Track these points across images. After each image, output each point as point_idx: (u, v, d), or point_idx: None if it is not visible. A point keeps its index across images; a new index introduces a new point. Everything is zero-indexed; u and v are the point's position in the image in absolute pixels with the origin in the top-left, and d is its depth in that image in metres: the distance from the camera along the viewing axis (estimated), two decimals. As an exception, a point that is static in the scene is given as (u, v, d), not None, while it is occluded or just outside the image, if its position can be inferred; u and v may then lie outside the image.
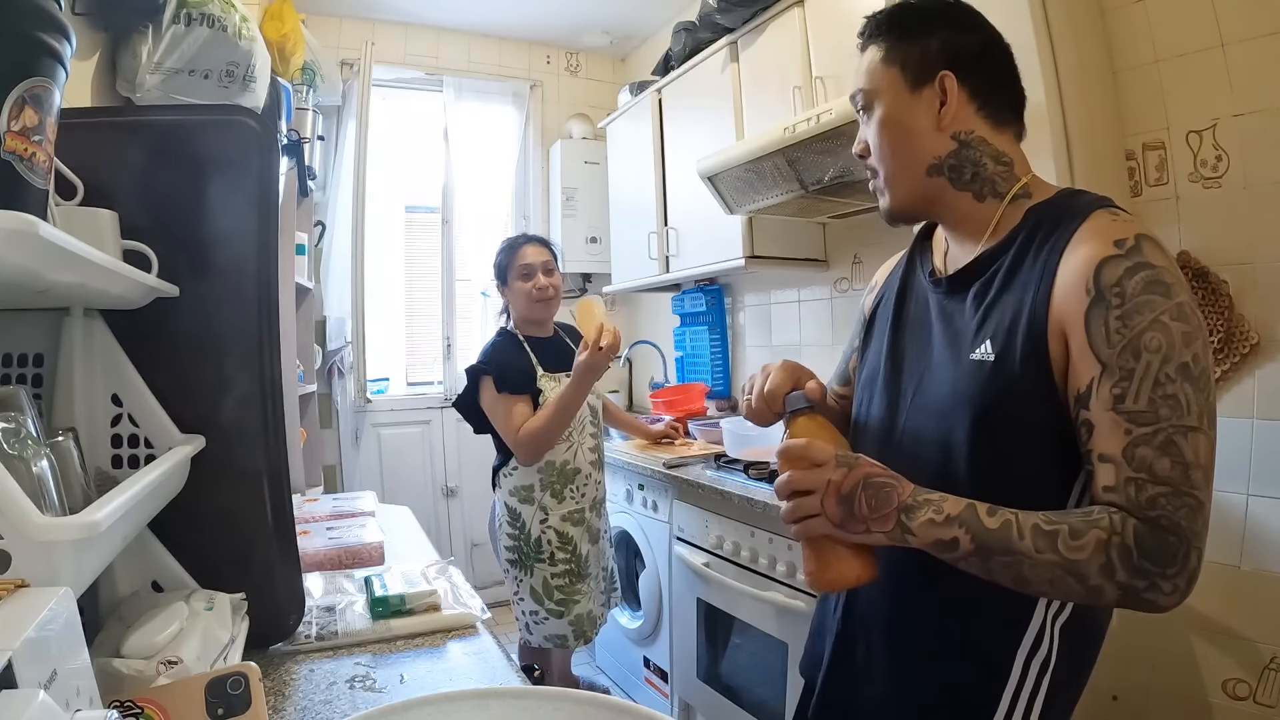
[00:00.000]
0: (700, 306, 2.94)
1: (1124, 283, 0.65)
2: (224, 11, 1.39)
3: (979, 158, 0.78)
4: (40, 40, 0.51)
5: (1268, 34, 1.39)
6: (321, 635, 0.98)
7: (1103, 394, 0.65)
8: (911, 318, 0.86)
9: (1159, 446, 0.62)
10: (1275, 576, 1.43)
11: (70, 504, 0.62)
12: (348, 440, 3.09)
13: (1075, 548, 0.62)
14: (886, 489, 0.69)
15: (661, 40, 2.91)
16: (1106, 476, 0.65)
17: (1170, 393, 0.63)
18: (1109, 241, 0.67)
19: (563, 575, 1.81)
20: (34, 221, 0.47)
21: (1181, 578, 0.62)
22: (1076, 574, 0.62)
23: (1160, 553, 0.61)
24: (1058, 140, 1.42)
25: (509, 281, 1.91)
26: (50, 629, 0.44)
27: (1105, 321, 0.65)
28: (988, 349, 0.72)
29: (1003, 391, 0.70)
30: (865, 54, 0.81)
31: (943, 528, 0.66)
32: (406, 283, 3.38)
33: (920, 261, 0.89)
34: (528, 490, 1.83)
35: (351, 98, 2.96)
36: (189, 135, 0.89)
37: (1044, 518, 0.64)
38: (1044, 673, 0.74)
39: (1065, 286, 0.67)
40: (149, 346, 0.85)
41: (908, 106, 0.78)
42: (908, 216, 0.83)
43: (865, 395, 0.89)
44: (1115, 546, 0.62)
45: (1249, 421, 1.47)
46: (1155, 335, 0.63)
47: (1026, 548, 0.63)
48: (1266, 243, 1.43)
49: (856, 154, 0.84)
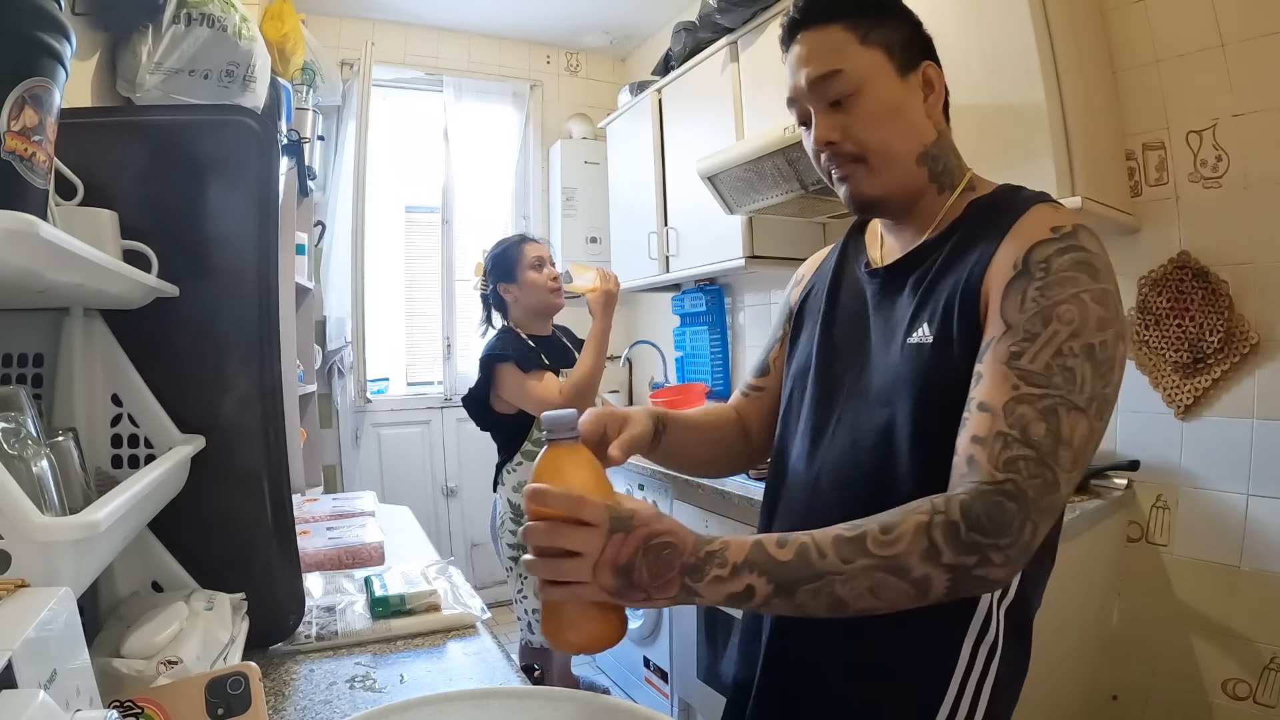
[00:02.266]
0: (700, 306, 2.94)
1: (1051, 260, 0.64)
2: (224, 11, 1.39)
3: (947, 150, 0.79)
4: (40, 40, 0.51)
5: (1268, 34, 1.39)
6: (321, 635, 0.98)
7: (1000, 349, 0.63)
8: (845, 310, 0.85)
9: (1041, 410, 0.60)
10: (1275, 576, 1.43)
11: (70, 504, 0.62)
12: (348, 440, 3.08)
13: (888, 542, 0.58)
14: (666, 551, 0.59)
15: (661, 40, 2.90)
16: (979, 425, 0.62)
17: (1069, 365, 0.61)
18: (1046, 227, 0.67)
19: None
20: (34, 221, 0.46)
21: (1014, 549, 0.58)
22: (897, 569, 0.57)
23: (995, 520, 0.58)
24: (1058, 140, 1.42)
25: (518, 276, 1.89)
26: (50, 629, 0.44)
27: (1024, 291, 0.64)
28: (925, 331, 0.71)
29: (942, 372, 0.69)
30: (820, 34, 0.76)
31: (731, 581, 0.59)
32: (406, 283, 3.38)
33: (853, 254, 0.89)
34: None
35: (351, 98, 2.96)
36: (189, 135, 0.89)
37: (846, 525, 0.60)
38: (992, 657, 0.72)
39: (996, 267, 0.68)
40: (149, 346, 0.85)
41: (901, 91, 0.76)
42: (886, 205, 0.80)
43: (796, 387, 0.87)
44: (939, 526, 0.58)
45: (1249, 421, 1.47)
46: (1070, 308, 0.62)
47: (831, 564, 0.58)
48: (1266, 243, 1.43)
49: (825, 141, 0.76)
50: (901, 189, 0.78)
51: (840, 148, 0.76)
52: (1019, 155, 1.48)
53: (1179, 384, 1.57)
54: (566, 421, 0.64)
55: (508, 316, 1.96)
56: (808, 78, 0.76)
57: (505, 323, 1.96)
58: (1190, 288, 1.54)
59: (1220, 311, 1.49)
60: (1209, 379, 1.52)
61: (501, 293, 1.94)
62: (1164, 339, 1.59)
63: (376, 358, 3.15)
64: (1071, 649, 1.57)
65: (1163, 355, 1.59)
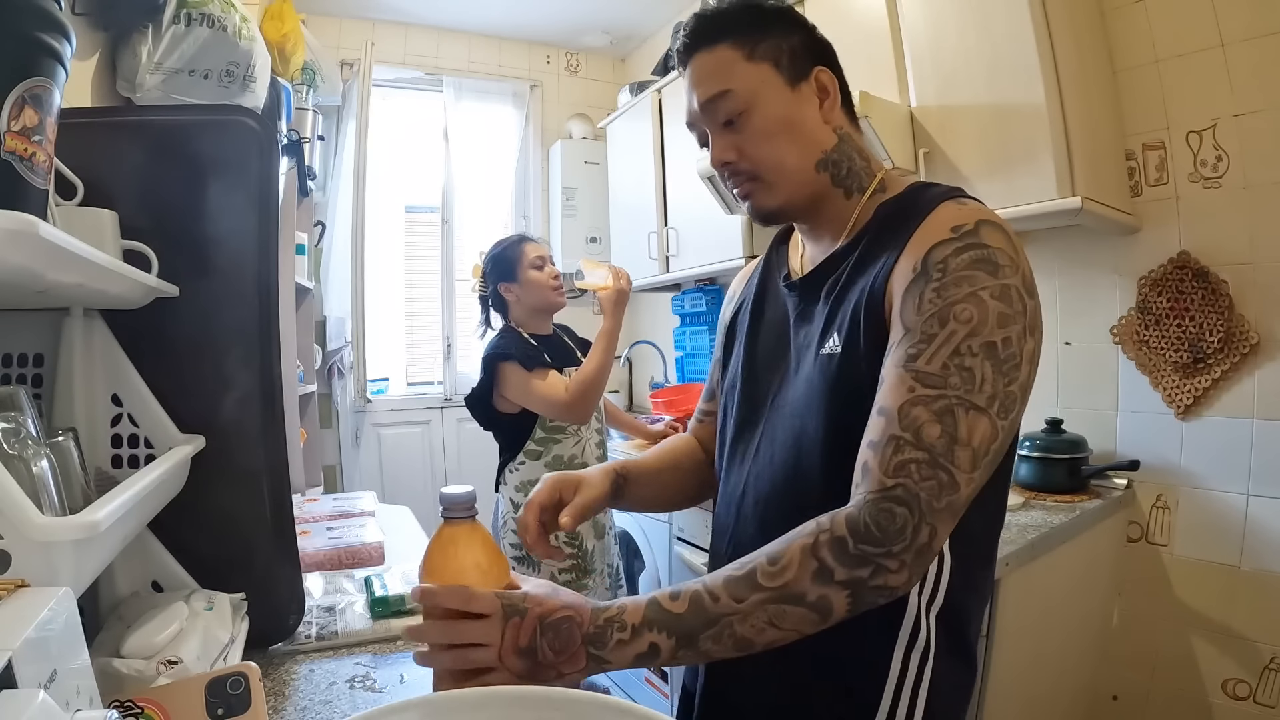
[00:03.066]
0: (700, 306, 2.94)
1: (949, 260, 0.63)
2: (224, 11, 1.39)
3: (850, 153, 0.78)
4: (40, 40, 0.51)
5: (1268, 34, 1.39)
6: (321, 635, 0.98)
7: (898, 353, 0.62)
8: (769, 324, 0.85)
9: (935, 412, 0.59)
10: (1275, 576, 1.44)
11: (70, 504, 0.62)
12: (348, 440, 3.08)
13: (775, 573, 0.58)
14: (565, 625, 0.60)
15: (661, 40, 2.90)
16: (874, 430, 0.61)
17: (967, 365, 0.59)
18: (946, 227, 0.66)
19: (569, 571, 1.78)
20: (34, 221, 0.47)
21: (909, 553, 0.57)
22: (791, 597, 0.57)
23: (884, 528, 0.57)
24: (1058, 140, 1.42)
25: (519, 275, 1.87)
26: (50, 629, 0.44)
27: (921, 294, 0.63)
28: (835, 342, 0.71)
29: (850, 381, 0.68)
30: (707, 56, 0.76)
31: (634, 643, 0.59)
32: (406, 283, 3.38)
33: (775, 265, 0.89)
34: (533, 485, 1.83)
35: (351, 98, 2.96)
36: (189, 135, 0.89)
37: (736, 564, 0.60)
38: (924, 663, 0.71)
39: (898, 271, 0.66)
40: (149, 346, 0.85)
41: (792, 102, 0.75)
42: (789, 214, 0.80)
43: (727, 403, 0.87)
44: (825, 545, 0.57)
45: (1249, 421, 1.47)
46: (968, 307, 0.61)
47: (725, 606, 0.58)
48: (1266, 243, 1.43)
49: (721, 162, 0.77)
50: (801, 198, 0.77)
51: (737, 166, 0.77)
52: (1019, 155, 1.48)
53: (1179, 384, 1.57)
54: (462, 501, 0.66)
55: (508, 317, 1.95)
56: (699, 100, 0.76)
57: (506, 323, 1.95)
58: (1190, 288, 1.54)
59: (1220, 311, 1.49)
60: (1209, 379, 1.52)
61: (502, 293, 1.92)
62: (1164, 339, 1.59)
63: (376, 358, 3.15)
64: (1071, 649, 1.57)
65: (1163, 355, 1.59)
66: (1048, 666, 1.50)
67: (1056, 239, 1.76)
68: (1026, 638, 1.36)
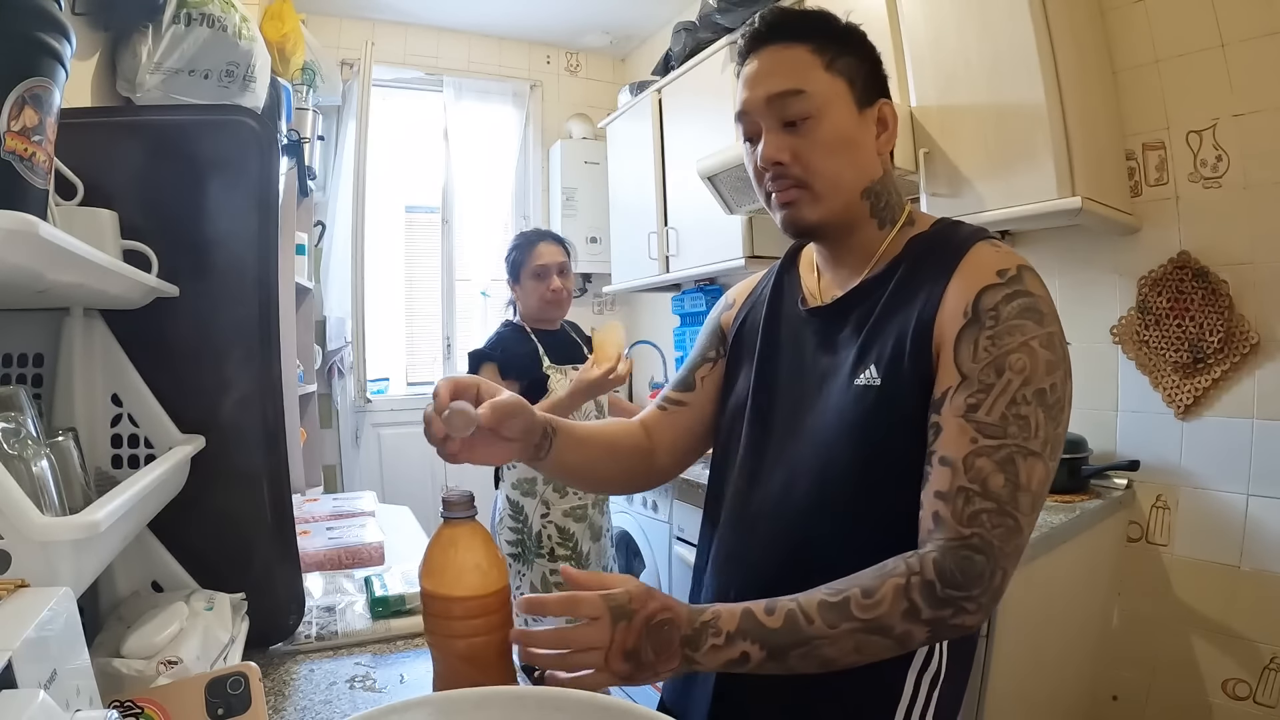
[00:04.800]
0: (700, 306, 2.94)
1: (1000, 307, 0.66)
2: (224, 11, 1.39)
3: (891, 188, 0.79)
4: (40, 40, 0.51)
5: (1268, 34, 1.39)
6: (321, 635, 0.98)
7: (956, 401, 0.65)
8: (784, 349, 0.83)
9: (998, 462, 0.63)
10: (1275, 576, 1.44)
11: (70, 504, 0.62)
12: (348, 440, 3.08)
13: (870, 605, 0.61)
14: (666, 627, 0.62)
15: (661, 40, 2.90)
16: (941, 480, 0.64)
17: (1023, 413, 0.63)
18: (992, 271, 0.68)
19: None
20: (34, 221, 0.46)
21: (985, 595, 0.62)
22: (880, 629, 0.61)
23: (966, 574, 0.61)
24: (1058, 140, 1.42)
25: (521, 279, 1.91)
26: (50, 629, 0.44)
27: (975, 340, 0.65)
28: (873, 374, 0.71)
29: (889, 415, 0.69)
30: (785, 51, 0.74)
31: (727, 649, 0.62)
32: (406, 283, 3.38)
33: (789, 289, 0.87)
34: (530, 483, 1.85)
35: (351, 98, 2.96)
36: (189, 135, 0.89)
37: (829, 590, 0.63)
38: (934, 687, 0.74)
39: (946, 312, 0.68)
40: (149, 346, 0.85)
41: (856, 125, 0.75)
42: (823, 232, 0.79)
43: (732, 426, 0.86)
44: (916, 587, 0.61)
45: (1249, 421, 1.47)
46: (1021, 357, 0.64)
47: (819, 630, 0.61)
48: (1266, 243, 1.43)
49: (773, 161, 0.75)
50: (841, 219, 0.77)
51: (787, 170, 0.75)
52: (1019, 155, 1.48)
53: (1179, 384, 1.57)
54: (462, 501, 0.67)
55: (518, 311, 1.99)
56: (767, 92, 0.74)
57: (514, 318, 1.99)
58: (1190, 288, 1.54)
59: (1220, 311, 1.49)
60: (1209, 379, 1.52)
61: (512, 290, 1.98)
62: (1164, 339, 1.59)
63: (376, 358, 3.14)
64: (1071, 649, 1.57)
65: (1163, 355, 1.59)
66: (1048, 666, 1.50)
67: (1056, 239, 1.76)
68: (1026, 638, 1.36)
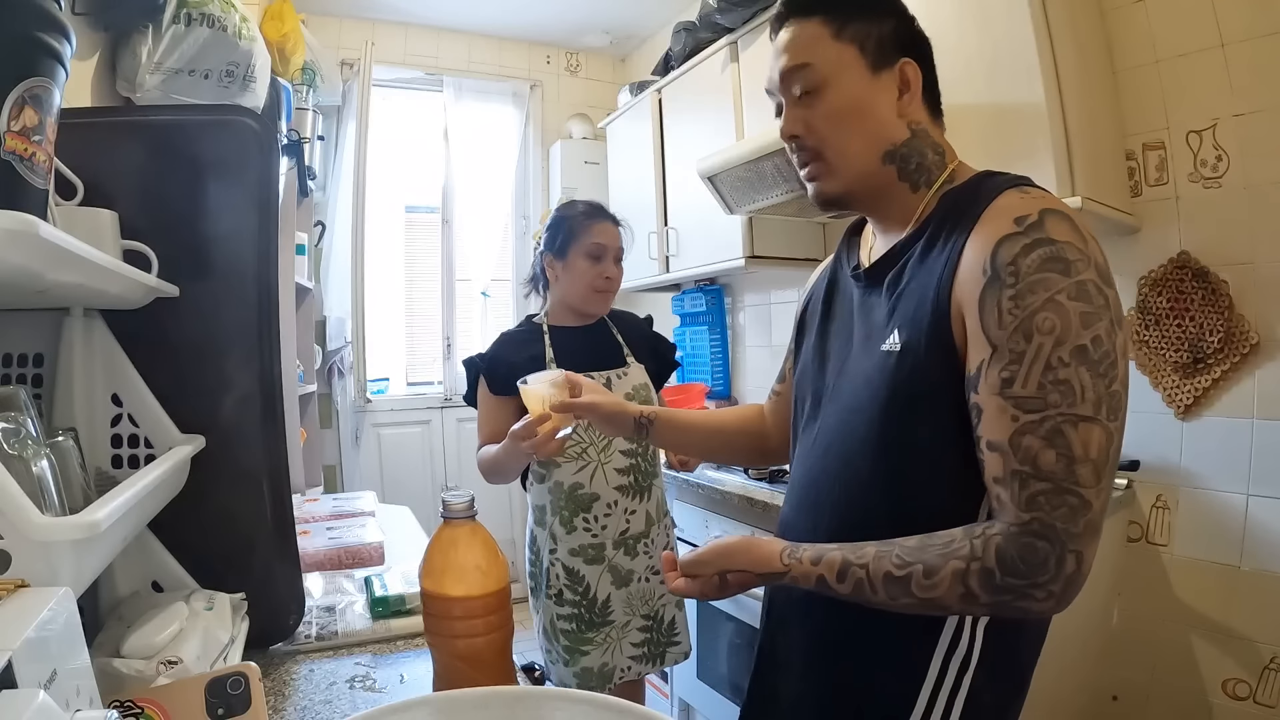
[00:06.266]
0: (700, 306, 2.94)
1: (1019, 261, 0.61)
2: (224, 11, 1.39)
3: (923, 148, 0.76)
4: (40, 40, 0.51)
5: (1268, 34, 1.39)
6: (321, 635, 0.98)
7: (990, 377, 0.61)
8: (838, 315, 0.85)
9: (1045, 436, 0.58)
10: (1275, 576, 1.43)
11: (70, 504, 0.62)
12: (348, 440, 3.08)
13: (929, 586, 0.61)
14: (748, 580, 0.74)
15: (661, 40, 2.90)
16: (995, 466, 0.61)
17: (1062, 377, 0.58)
18: (1010, 219, 0.63)
19: (569, 619, 1.46)
20: (34, 221, 0.46)
21: (1056, 584, 0.58)
22: (937, 607, 0.63)
23: (1028, 562, 0.58)
24: (1058, 140, 1.42)
25: (568, 254, 1.50)
26: (50, 629, 0.44)
27: (998, 302, 0.61)
28: (895, 339, 0.70)
29: (908, 381, 0.68)
30: (798, 27, 0.77)
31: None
32: (406, 283, 3.38)
33: (846, 257, 0.88)
34: (540, 511, 1.51)
35: (351, 98, 2.96)
36: (189, 135, 0.89)
37: (897, 560, 0.63)
38: (964, 671, 0.71)
39: (965, 268, 0.64)
40: (149, 346, 0.85)
41: (869, 89, 0.74)
42: (846, 201, 0.79)
43: (798, 394, 0.88)
44: (974, 574, 0.60)
45: (1249, 421, 1.47)
46: (1049, 315, 0.59)
47: (881, 600, 0.64)
48: (1266, 243, 1.43)
49: (789, 134, 0.78)
50: (864, 188, 0.77)
51: (803, 142, 0.77)
52: (1019, 155, 1.48)
53: (1179, 384, 1.57)
54: (462, 502, 0.69)
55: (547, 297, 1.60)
56: (780, 68, 0.77)
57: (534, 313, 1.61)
58: (1190, 288, 1.54)
59: (1220, 311, 1.49)
60: (1209, 379, 1.52)
61: (545, 265, 1.54)
62: (1164, 339, 1.59)
63: (376, 358, 3.15)
64: (1071, 649, 1.57)
65: (1163, 355, 1.59)
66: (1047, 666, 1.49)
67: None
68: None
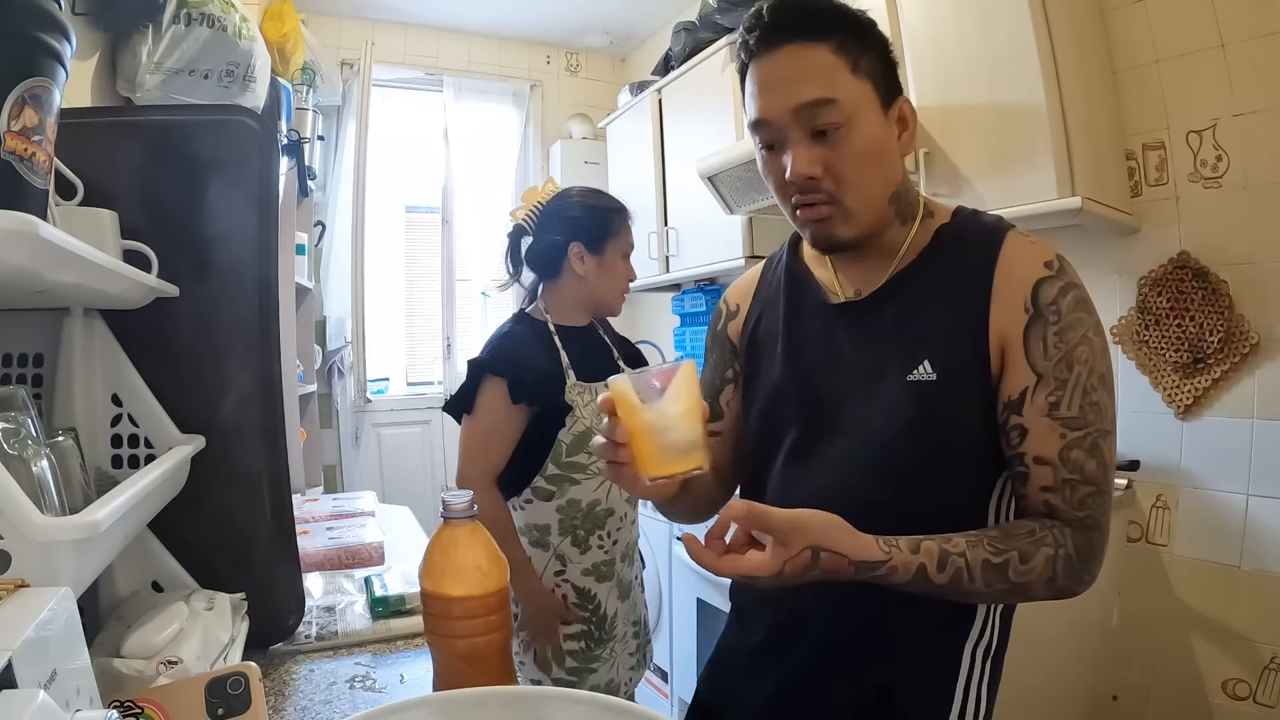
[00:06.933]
0: (700, 306, 2.94)
1: (1059, 301, 0.69)
2: (224, 11, 1.39)
3: (909, 185, 0.77)
4: (40, 40, 0.51)
5: (1268, 34, 1.39)
6: (321, 635, 0.98)
7: (1038, 401, 0.68)
8: (813, 344, 0.80)
9: (1088, 449, 0.68)
10: (1275, 576, 1.43)
11: (70, 504, 0.62)
12: (348, 440, 3.08)
13: (1025, 571, 0.65)
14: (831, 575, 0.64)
15: (661, 40, 2.90)
16: (1044, 477, 0.69)
17: (1095, 400, 0.68)
18: (1039, 263, 0.71)
19: (578, 638, 1.38)
20: (34, 221, 0.46)
21: (1097, 566, 0.69)
22: (1022, 591, 0.67)
23: (1090, 551, 0.68)
24: (1058, 140, 1.42)
25: (605, 251, 1.42)
26: (50, 629, 0.44)
27: (1044, 337, 0.69)
28: (928, 369, 0.71)
29: (950, 410, 0.71)
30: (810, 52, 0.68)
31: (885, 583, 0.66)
32: (406, 283, 3.38)
33: (803, 282, 0.84)
34: (542, 532, 1.38)
35: (351, 98, 2.96)
36: (189, 135, 0.89)
37: (991, 549, 0.65)
38: (987, 658, 0.77)
39: (1003, 305, 0.70)
40: (149, 346, 0.85)
41: (884, 129, 0.71)
42: (857, 246, 0.75)
43: (766, 425, 0.83)
44: (1060, 559, 0.66)
45: (1249, 421, 1.47)
46: (1085, 349, 0.68)
47: (977, 587, 0.65)
48: (1266, 243, 1.43)
49: (805, 176, 0.69)
50: (873, 231, 0.74)
51: (820, 184, 0.70)
52: (1019, 155, 1.48)
53: (1179, 384, 1.57)
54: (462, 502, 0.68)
55: (544, 287, 1.48)
56: (795, 101, 0.68)
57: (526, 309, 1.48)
58: (1190, 288, 1.54)
59: (1220, 311, 1.49)
60: (1209, 379, 1.52)
61: (571, 255, 1.41)
62: (1164, 339, 1.59)
63: (376, 358, 3.14)
64: (1071, 649, 1.57)
65: (1163, 355, 1.59)
66: (1047, 666, 1.49)
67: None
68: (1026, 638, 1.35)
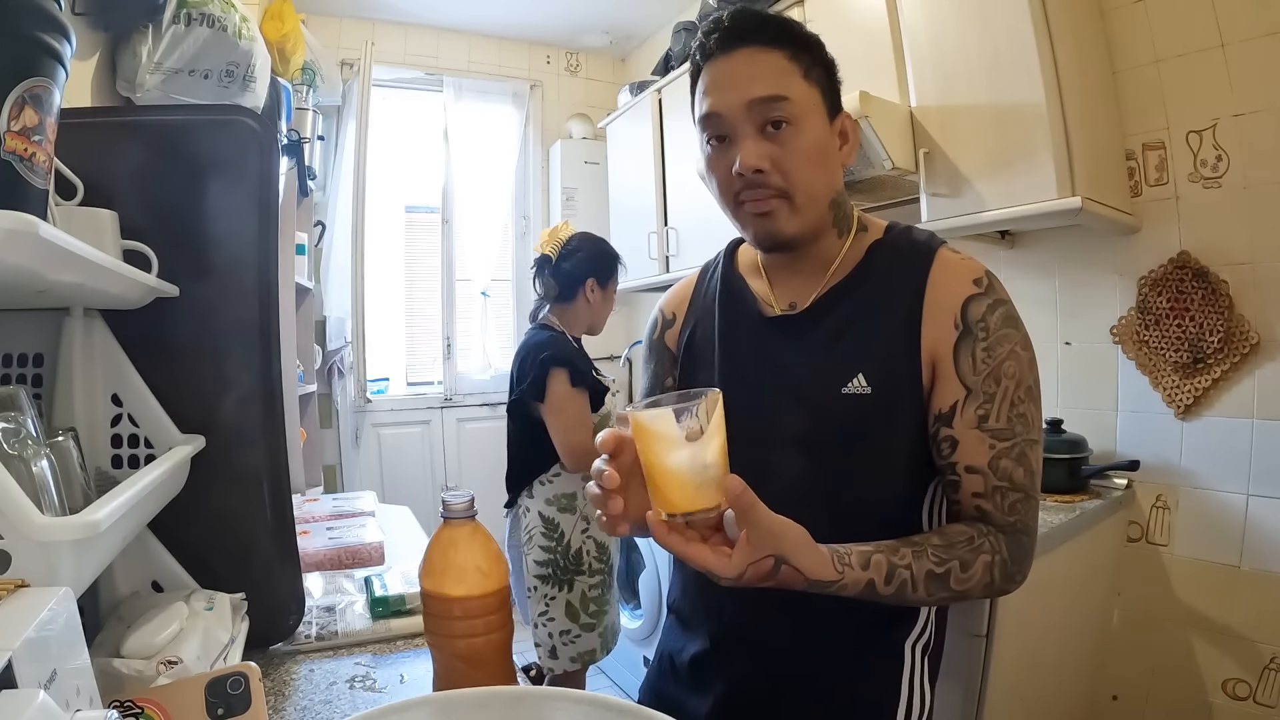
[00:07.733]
0: (700, 306, 2.94)
1: (987, 318, 0.73)
2: (224, 11, 1.39)
3: (846, 196, 0.82)
4: (40, 40, 0.51)
5: (1268, 34, 1.39)
6: (321, 635, 0.98)
7: (968, 414, 0.72)
8: (746, 356, 0.82)
9: (1016, 458, 0.71)
10: (1275, 576, 1.44)
11: (70, 504, 0.62)
12: (348, 440, 3.08)
13: (965, 579, 0.68)
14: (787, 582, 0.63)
15: (661, 40, 2.90)
16: (976, 484, 0.72)
17: (1022, 411, 0.72)
18: (968, 280, 0.74)
19: (598, 586, 1.77)
20: (34, 221, 0.46)
21: (1028, 567, 0.73)
22: (963, 596, 0.70)
23: (1021, 554, 0.71)
24: (1058, 140, 1.42)
25: (608, 287, 1.85)
26: (50, 629, 0.44)
27: (972, 353, 0.72)
28: (862, 383, 0.74)
29: (884, 423, 0.74)
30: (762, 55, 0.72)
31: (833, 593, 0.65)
32: (406, 283, 3.38)
33: (738, 293, 0.86)
34: (569, 499, 1.75)
35: (351, 98, 2.95)
36: (189, 135, 0.89)
37: (935, 559, 0.68)
38: (925, 653, 0.81)
39: (934, 321, 0.73)
40: (149, 346, 0.85)
41: (828, 135, 0.76)
42: (795, 244, 0.77)
43: None
44: (997, 565, 0.70)
45: (1249, 421, 1.47)
46: (1012, 364, 0.72)
47: (919, 595, 0.67)
48: (1266, 243, 1.43)
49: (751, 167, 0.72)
50: (814, 231, 0.78)
51: (767, 179, 0.73)
52: (1019, 155, 1.48)
53: (1179, 384, 1.57)
54: (462, 503, 0.69)
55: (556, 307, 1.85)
56: (748, 96, 0.72)
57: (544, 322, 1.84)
58: (1190, 288, 1.54)
59: (1220, 311, 1.49)
60: (1209, 379, 1.52)
61: (586, 287, 1.83)
62: (1164, 339, 1.59)
63: (376, 358, 3.14)
64: (1071, 649, 1.57)
65: (1163, 355, 1.59)
66: (1047, 666, 1.50)
67: (1056, 239, 1.76)
68: (1026, 638, 1.36)
